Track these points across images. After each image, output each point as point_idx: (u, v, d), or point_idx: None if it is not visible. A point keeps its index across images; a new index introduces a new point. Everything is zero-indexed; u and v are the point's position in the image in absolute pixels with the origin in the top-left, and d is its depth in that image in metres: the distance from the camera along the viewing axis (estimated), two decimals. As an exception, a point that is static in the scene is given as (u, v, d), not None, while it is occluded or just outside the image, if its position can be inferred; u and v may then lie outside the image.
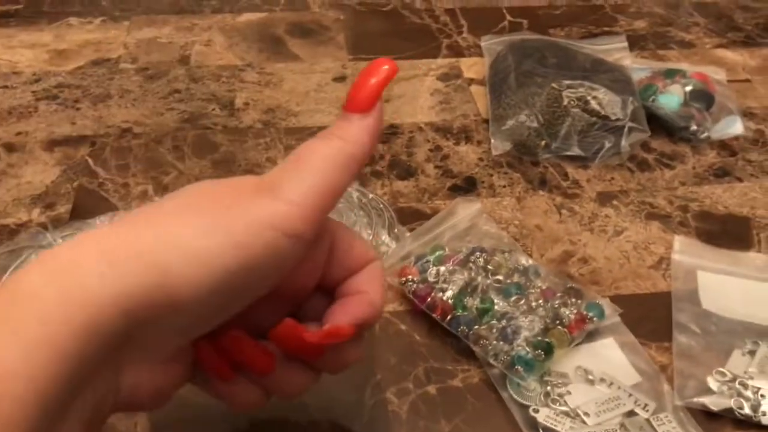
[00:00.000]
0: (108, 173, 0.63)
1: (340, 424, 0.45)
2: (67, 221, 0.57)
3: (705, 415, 0.46)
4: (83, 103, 0.72)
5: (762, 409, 0.46)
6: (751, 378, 0.48)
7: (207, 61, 0.79)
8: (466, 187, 0.64)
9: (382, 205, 0.59)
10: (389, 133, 0.69)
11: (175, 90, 0.74)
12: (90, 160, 0.64)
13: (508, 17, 0.89)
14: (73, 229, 0.54)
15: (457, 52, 0.83)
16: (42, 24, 0.83)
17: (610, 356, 0.50)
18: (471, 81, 0.78)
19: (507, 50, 0.77)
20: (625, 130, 0.67)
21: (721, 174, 0.67)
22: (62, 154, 0.65)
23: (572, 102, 0.68)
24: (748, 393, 0.47)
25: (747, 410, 0.46)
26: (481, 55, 0.81)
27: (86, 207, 0.59)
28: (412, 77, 0.78)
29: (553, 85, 0.70)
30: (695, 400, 0.47)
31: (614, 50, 0.79)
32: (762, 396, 0.46)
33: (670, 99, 0.72)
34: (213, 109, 0.72)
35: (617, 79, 0.72)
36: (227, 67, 0.78)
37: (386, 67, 0.33)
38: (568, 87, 0.69)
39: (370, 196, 0.60)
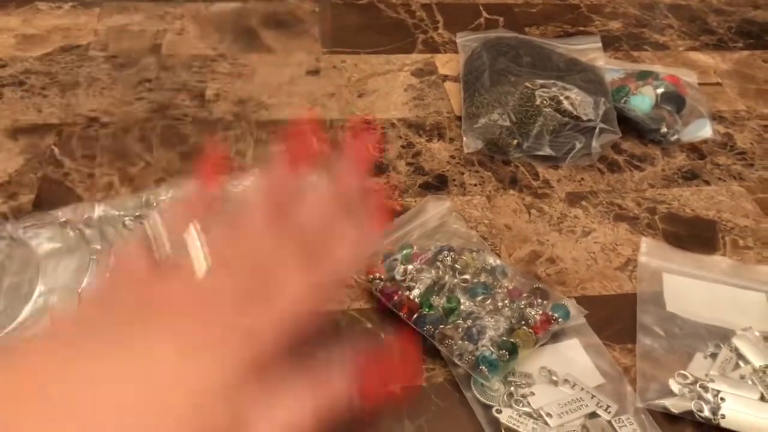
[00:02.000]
0: (74, 163, 0.62)
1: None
2: (30, 211, 0.56)
3: (666, 417, 0.47)
4: (50, 90, 0.70)
5: (721, 412, 0.46)
6: (712, 381, 0.48)
7: (179, 50, 0.78)
8: (437, 184, 0.64)
9: (351, 202, 0.58)
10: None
11: (145, 79, 0.73)
12: (56, 150, 0.63)
13: (485, 14, 0.89)
14: (35, 220, 0.53)
15: (432, 47, 0.82)
16: (10, 8, 0.82)
17: (575, 358, 0.50)
18: (445, 77, 0.78)
19: (482, 48, 0.77)
20: (597, 131, 0.67)
21: (690, 177, 0.67)
22: (27, 143, 0.64)
23: (545, 102, 0.68)
24: (708, 396, 0.47)
25: (707, 413, 0.47)
26: (456, 51, 0.81)
27: (50, 197, 0.58)
28: (387, 72, 0.77)
29: (527, 84, 0.70)
30: (656, 402, 0.47)
31: (589, 50, 0.80)
32: (722, 399, 0.47)
33: (642, 101, 0.73)
34: (183, 100, 0.70)
35: (590, 80, 0.72)
36: (199, 57, 0.77)
37: None
38: (542, 86, 0.69)
39: (340, 192, 0.59)
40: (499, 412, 0.46)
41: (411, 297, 0.51)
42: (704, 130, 0.72)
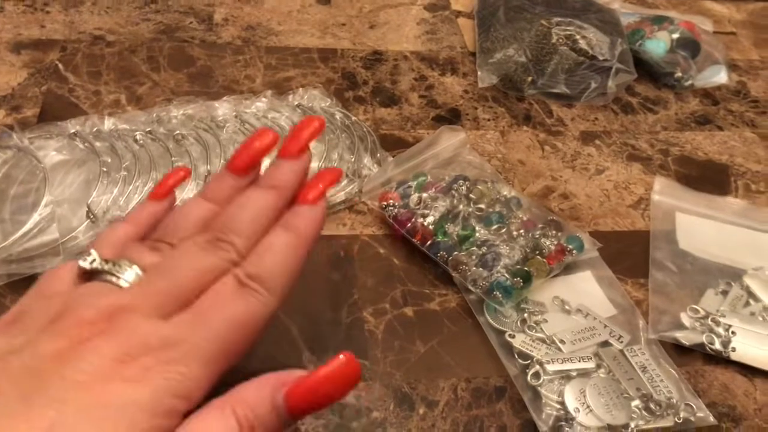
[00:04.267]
0: (79, 80, 0.60)
1: (316, 340, 0.44)
2: (35, 124, 0.55)
3: (677, 348, 0.47)
4: (53, 6, 0.68)
5: (732, 345, 0.47)
6: (723, 315, 0.48)
7: (186, -27, 0.75)
8: (450, 118, 0.63)
9: (365, 129, 0.58)
10: (373, 59, 0.68)
11: (151, 0, 0.71)
12: (60, 65, 0.61)
13: (498, -47, 0.87)
14: (43, 131, 0.51)
15: (445, -16, 0.80)
16: None
17: (587, 289, 0.50)
18: (458, 13, 0.76)
19: (497, -16, 0.75)
20: (613, 70, 0.66)
21: (703, 121, 0.67)
22: (30, 57, 0.62)
23: (561, 40, 0.67)
24: (720, 330, 0.47)
25: (717, 346, 0.47)
26: (469, -12, 0.79)
27: (55, 112, 0.56)
28: (399, 5, 0.75)
29: (543, 21, 0.68)
30: (668, 334, 0.47)
31: (604, -7, 0.78)
32: (732, 333, 0.47)
33: (657, 45, 0.72)
34: (190, 23, 0.69)
35: (606, 21, 0.71)
36: (207, -19, 0.74)
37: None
38: (557, 24, 0.68)
39: (353, 119, 0.58)
40: (512, 336, 0.46)
41: (425, 224, 0.51)
42: (719, 76, 0.71)
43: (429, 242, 0.50)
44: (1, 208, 0.47)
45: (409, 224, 0.51)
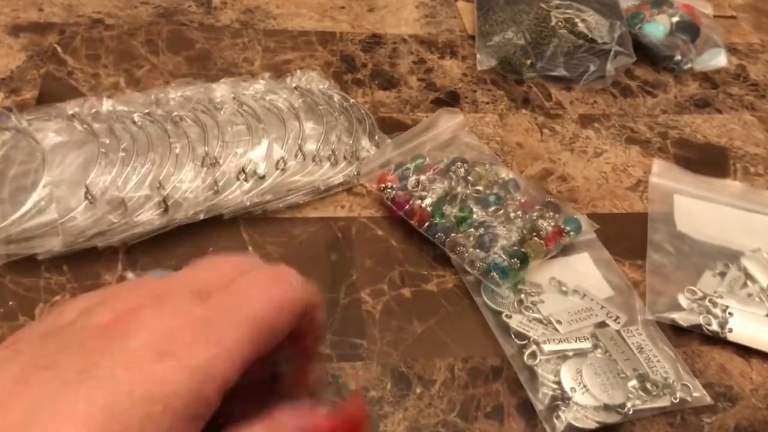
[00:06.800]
0: (78, 63, 0.60)
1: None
2: (34, 106, 0.55)
3: (674, 329, 0.47)
4: (51, -10, 0.68)
5: (729, 326, 0.47)
6: (721, 297, 0.48)
7: (184, -44, 0.75)
8: (449, 101, 0.63)
9: (363, 112, 0.57)
10: (372, 42, 0.67)
11: (149, -17, 0.70)
12: (59, 48, 0.61)
13: (498, -63, 0.86)
14: (41, 113, 0.51)
15: (444, -33, 0.80)
16: None
17: (584, 270, 0.50)
18: (458, -3, 0.76)
19: (496, -33, 0.75)
20: (612, 53, 0.66)
21: (702, 105, 0.67)
22: (28, 40, 0.62)
23: (560, 23, 0.67)
24: (717, 311, 0.48)
25: (714, 326, 0.47)
26: (468, -28, 0.78)
27: (54, 94, 0.56)
28: (398, -12, 0.75)
29: (542, 4, 0.68)
30: (665, 315, 0.48)
31: (603, -23, 0.78)
32: (730, 314, 0.47)
33: (656, 28, 0.71)
34: (189, 6, 0.68)
35: (605, 4, 0.71)
36: (205, -36, 0.74)
37: None
38: (557, 7, 0.68)
39: (351, 101, 0.58)
40: (509, 317, 0.46)
41: (423, 206, 0.51)
42: (718, 59, 0.71)
43: (427, 224, 0.50)
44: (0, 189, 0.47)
45: (407, 206, 0.51)
